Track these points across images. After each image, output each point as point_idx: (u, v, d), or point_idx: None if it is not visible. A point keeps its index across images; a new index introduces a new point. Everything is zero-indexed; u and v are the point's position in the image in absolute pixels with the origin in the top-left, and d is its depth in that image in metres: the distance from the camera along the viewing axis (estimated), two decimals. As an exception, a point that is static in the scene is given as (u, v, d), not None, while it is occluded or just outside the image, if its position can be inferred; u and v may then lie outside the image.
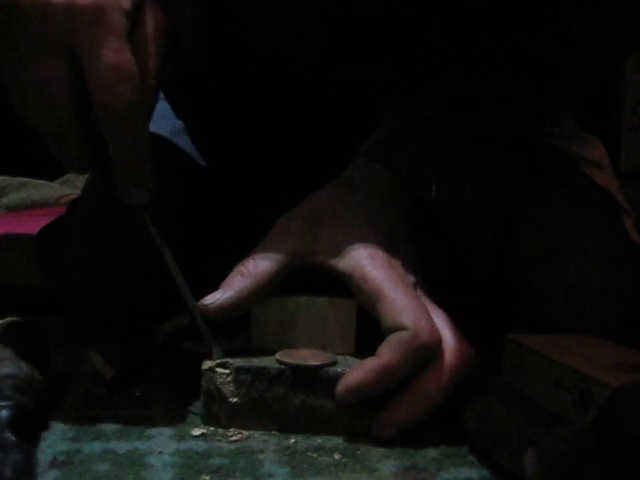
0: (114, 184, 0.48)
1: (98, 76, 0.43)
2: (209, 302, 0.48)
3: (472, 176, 0.56)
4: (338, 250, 0.49)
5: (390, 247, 0.50)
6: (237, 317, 0.49)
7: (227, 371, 0.47)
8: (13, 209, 1.16)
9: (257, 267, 0.49)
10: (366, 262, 0.48)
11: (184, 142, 0.75)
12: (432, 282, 0.51)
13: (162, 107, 0.72)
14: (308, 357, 0.48)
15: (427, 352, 0.45)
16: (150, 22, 0.46)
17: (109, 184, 0.48)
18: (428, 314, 0.46)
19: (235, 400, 0.47)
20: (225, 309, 0.48)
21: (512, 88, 0.61)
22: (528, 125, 0.63)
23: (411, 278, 0.50)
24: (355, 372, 0.45)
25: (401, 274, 0.49)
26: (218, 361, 0.47)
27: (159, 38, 0.46)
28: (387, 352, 0.45)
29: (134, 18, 0.45)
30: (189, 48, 0.58)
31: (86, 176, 0.75)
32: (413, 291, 0.48)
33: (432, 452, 0.45)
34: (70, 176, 1.28)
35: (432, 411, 0.46)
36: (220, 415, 0.47)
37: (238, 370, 0.47)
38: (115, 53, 0.42)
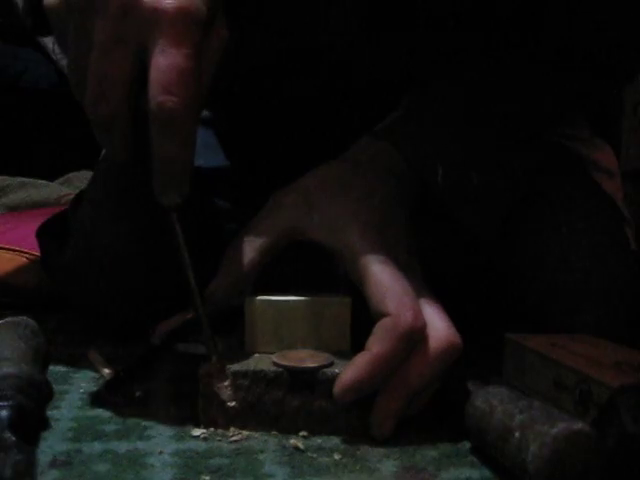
0: (150, 183, 0.47)
1: (161, 75, 0.42)
2: (211, 291, 0.49)
3: (480, 164, 0.56)
4: (330, 227, 0.49)
5: (385, 225, 0.49)
6: (234, 311, 0.50)
7: (224, 376, 0.47)
8: (13, 209, 1.16)
9: (250, 244, 0.49)
10: (356, 239, 0.48)
11: (203, 134, 0.74)
12: (432, 279, 0.51)
13: None
14: (305, 359, 0.48)
15: (413, 336, 0.45)
16: (216, 38, 0.46)
17: (145, 182, 0.48)
18: (413, 298, 0.46)
19: (233, 404, 0.47)
20: (226, 295, 0.49)
21: (530, 78, 0.60)
22: (544, 118, 0.62)
23: (403, 258, 0.49)
24: (349, 370, 0.45)
25: (392, 254, 0.48)
26: (215, 368, 0.47)
27: (220, 54, 0.47)
28: (375, 343, 0.45)
29: (206, 31, 0.45)
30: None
31: (86, 177, 0.75)
32: (400, 273, 0.47)
33: (432, 452, 0.45)
34: (70, 176, 1.28)
35: (414, 396, 0.46)
36: (218, 419, 0.47)
37: (235, 374, 0.47)
38: (184, 59, 0.42)
